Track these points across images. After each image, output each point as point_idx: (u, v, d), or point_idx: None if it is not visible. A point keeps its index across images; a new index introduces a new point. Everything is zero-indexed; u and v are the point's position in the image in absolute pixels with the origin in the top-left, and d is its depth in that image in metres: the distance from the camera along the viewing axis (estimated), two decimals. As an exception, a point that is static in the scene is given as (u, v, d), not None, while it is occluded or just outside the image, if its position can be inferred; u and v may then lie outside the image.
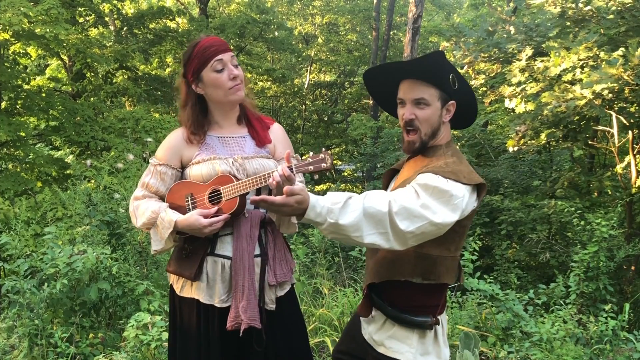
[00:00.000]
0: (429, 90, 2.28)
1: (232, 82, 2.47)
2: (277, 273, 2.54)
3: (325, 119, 23.71)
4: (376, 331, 2.39)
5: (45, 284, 4.38)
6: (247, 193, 2.41)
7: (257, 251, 2.51)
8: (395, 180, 2.48)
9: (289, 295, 2.65)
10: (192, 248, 2.52)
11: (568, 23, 7.58)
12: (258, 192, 2.51)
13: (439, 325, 2.35)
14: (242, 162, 2.51)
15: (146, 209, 2.54)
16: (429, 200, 2.11)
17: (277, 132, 2.68)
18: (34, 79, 15.65)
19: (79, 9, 15.00)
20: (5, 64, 12.77)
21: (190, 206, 2.51)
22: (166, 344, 3.96)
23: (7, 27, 11.47)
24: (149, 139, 9.58)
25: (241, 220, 2.48)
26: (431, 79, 2.27)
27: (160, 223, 2.49)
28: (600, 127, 8.35)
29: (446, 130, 2.38)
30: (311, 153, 2.25)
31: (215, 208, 2.43)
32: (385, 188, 2.57)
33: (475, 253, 5.64)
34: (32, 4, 11.39)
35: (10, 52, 13.80)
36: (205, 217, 2.40)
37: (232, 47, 2.47)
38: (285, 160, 2.21)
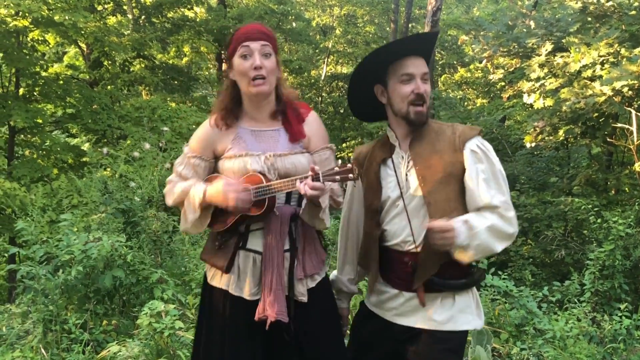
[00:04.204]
0: (426, 66, 2.42)
1: (254, 72, 2.37)
2: (307, 266, 2.49)
3: (342, 111, 23.61)
4: (435, 312, 2.38)
5: (60, 271, 4.41)
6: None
7: (287, 246, 2.48)
8: (413, 166, 2.41)
9: (322, 285, 2.58)
10: (224, 240, 2.51)
11: (589, 18, 7.51)
12: (288, 193, 2.48)
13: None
14: (274, 161, 2.45)
15: (180, 187, 2.54)
16: (502, 184, 2.33)
17: (312, 124, 2.57)
18: (52, 66, 15.75)
19: (98, -4, 15.08)
20: (24, 51, 12.86)
21: None
22: (179, 332, 3.99)
23: (27, 14, 11.56)
24: (165, 128, 9.63)
25: (271, 218, 2.44)
26: (429, 57, 2.41)
27: (192, 194, 2.48)
28: (619, 125, 8.26)
29: None
30: (339, 162, 2.26)
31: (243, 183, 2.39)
32: (378, 184, 2.50)
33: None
34: (51, -9, 11.46)
35: (29, 39, 13.89)
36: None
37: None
38: (311, 171, 2.22)
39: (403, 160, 2.45)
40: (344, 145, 22.62)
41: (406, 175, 2.42)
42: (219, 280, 2.54)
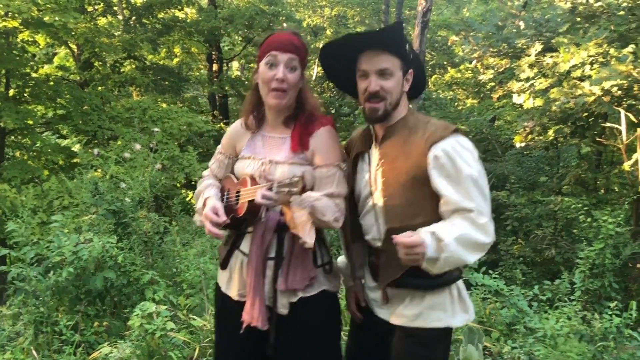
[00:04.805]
0: (392, 60, 2.32)
1: (275, 83, 2.37)
2: (289, 279, 2.41)
3: (333, 111, 23.62)
4: (405, 307, 2.37)
5: (51, 272, 4.39)
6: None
7: (273, 254, 2.44)
8: (381, 166, 2.39)
9: (308, 303, 2.47)
10: (229, 237, 2.58)
11: (578, 19, 7.55)
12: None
13: (462, 275, 2.41)
14: (268, 167, 2.45)
15: (200, 187, 2.67)
16: (471, 190, 2.20)
17: (320, 138, 2.46)
18: (42, 67, 15.64)
19: (88, -3, 15.00)
20: (14, 52, 12.78)
21: (225, 201, 2.54)
22: (171, 333, 4.01)
23: (16, 15, 11.50)
24: (156, 129, 9.61)
25: (257, 223, 2.44)
26: (394, 49, 2.32)
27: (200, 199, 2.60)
28: (609, 124, 8.32)
29: (405, 100, 2.42)
30: (294, 173, 2.30)
31: (224, 218, 2.42)
32: (353, 173, 2.51)
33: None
34: (41, -9, 11.39)
35: (18, 40, 13.81)
36: (215, 214, 2.41)
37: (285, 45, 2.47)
38: (265, 181, 2.24)
39: (374, 157, 2.44)
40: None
41: (376, 173, 2.41)
42: (219, 275, 2.63)
